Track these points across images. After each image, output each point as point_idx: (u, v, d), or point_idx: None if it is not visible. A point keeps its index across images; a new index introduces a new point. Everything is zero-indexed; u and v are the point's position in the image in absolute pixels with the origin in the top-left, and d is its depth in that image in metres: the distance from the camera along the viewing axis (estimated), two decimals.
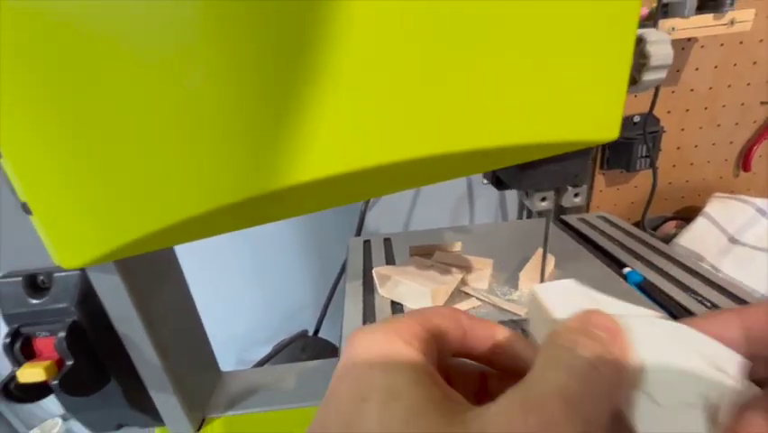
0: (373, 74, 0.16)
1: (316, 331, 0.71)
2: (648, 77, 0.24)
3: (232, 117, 0.17)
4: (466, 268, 0.40)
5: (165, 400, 0.30)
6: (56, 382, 0.24)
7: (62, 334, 0.25)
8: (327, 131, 0.17)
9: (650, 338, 0.12)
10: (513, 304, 0.36)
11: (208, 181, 0.18)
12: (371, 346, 0.13)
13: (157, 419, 0.31)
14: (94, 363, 0.27)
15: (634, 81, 0.24)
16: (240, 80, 0.16)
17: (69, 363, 0.25)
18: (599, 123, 0.20)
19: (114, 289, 0.26)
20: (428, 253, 0.49)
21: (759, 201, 0.59)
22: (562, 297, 0.15)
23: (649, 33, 0.24)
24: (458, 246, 0.50)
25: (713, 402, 0.11)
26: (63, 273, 0.25)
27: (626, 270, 0.40)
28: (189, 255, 0.73)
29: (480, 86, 0.17)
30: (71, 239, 0.20)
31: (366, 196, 0.26)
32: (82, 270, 0.25)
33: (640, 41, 0.24)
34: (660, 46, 0.23)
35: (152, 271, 0.29)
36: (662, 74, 0.24)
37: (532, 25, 0.17)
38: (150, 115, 0.17)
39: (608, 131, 0.20)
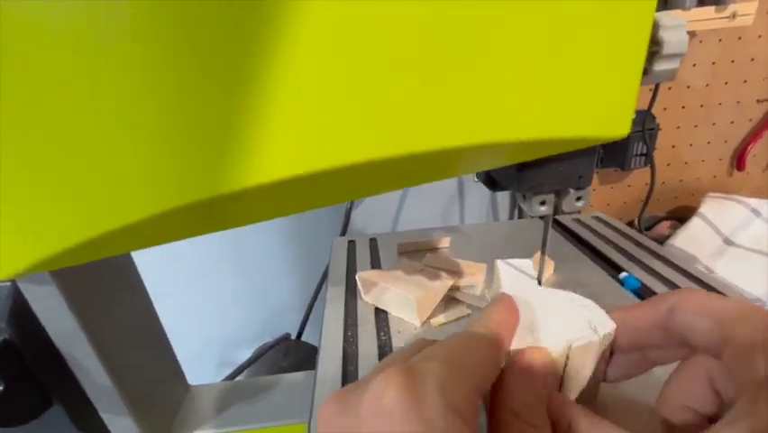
0: (346, 63, 0.13)
1: (299, 334, 0.68)
2: (660, 66, 0.21)
3: (175, 111, 0.14)
4: (458, 273, 0.37)
5: (119, 423, 0.27)
6: None
7: None
8: (286, 127, 0.14)
9: (548, 304, 0.19)
10: None
11: (152, 183, 0.15)
12: (424, 427, 0.11)
13: None
14: (31, 386, 0.23)
15: (644, 72, 0.22)
16: (187, 72, 0.13)
17: (0, 388, 0.22)
18: (610, 118, 0.18)
19: (51, 302, 0.22)
20: (417, 251, 0.46)
21: (753, 201, 0.58)
22: (513, 275, 0.21)
23: (663, 17, 0.21)
24: (447, 242, 0.47)
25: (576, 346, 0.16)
26: None
27: (623, 274, 0.38)
28: (167, 257, 0.70)
29: (479, 75, 0.14)
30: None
31: (347, 197, 0.23)
32: (12, 281, 0.22)
33: (652, 26, 0.21)
34: (675, 32, 0.21)
35: (100, 281, 0.25)
36: (675, 63, 0.21)
37: (537, 11, 0.14)
38: (86, 107, 0.14)
39: (619, 127, 0.18)
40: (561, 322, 0.18)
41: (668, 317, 0.16)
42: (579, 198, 0.21)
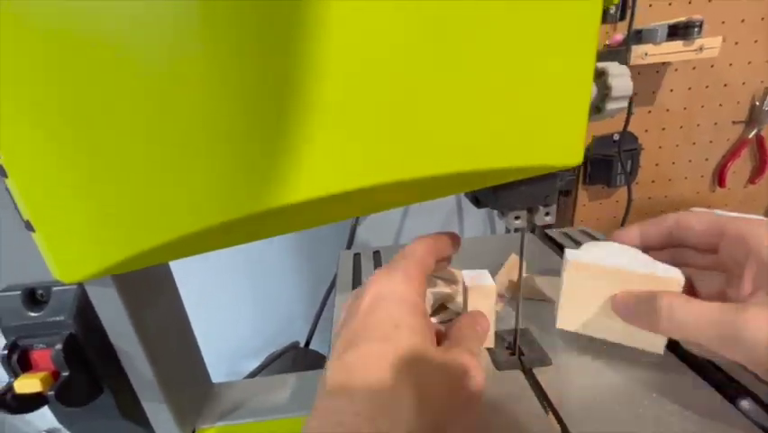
0: (353, 105, 0.18)
1: (307, 343, 0.72)
2: (611, 106, 0.26)
3: (226, 139, 0.18)
4: (455, 281, 0.41)
5: (157, 411, 0.31)
6: (51, 392, 0.25)
7: (59, 346, 0.26)
8: (315, 156, 0.19)
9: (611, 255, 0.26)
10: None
11: (202, 200, 0.19)
12: (396, 289, 0.22)
13: (148, 430, 0.32)
14: (88, 374, 0.28)
15: (598, 110, 0.27)
16: (233, 103, 0.17)
17: (65, 374, 0.26)
18: (563, 148, 0.22)
19: (110, 302, 0.27)
20: None
21: (735, 216, 0.62)
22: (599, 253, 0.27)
23: (611, 67, 0.26)
24: None
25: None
26: (61, 287, 0.26)
27: None
28: (183, 268, 0.74)
29: (452, 116, 0.19)
30: (71, 255, 0.21)
31: (351, 215, 0.28)
32: (80, 284, 0.26)
33: (603, 74, 0.26)
34: (621, 79, 0.26)
35: (147, 285, 0.30)
36: (623, 103, 0.26)
37: (495, 57, 0.19)
38: (147, 136, 0.18)
39: (572, 156, 0.22)
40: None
41: (674, 227, 0.25)
42: (547, 213, 0.26)
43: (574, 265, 0.26)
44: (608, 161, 0.64)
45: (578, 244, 0.52)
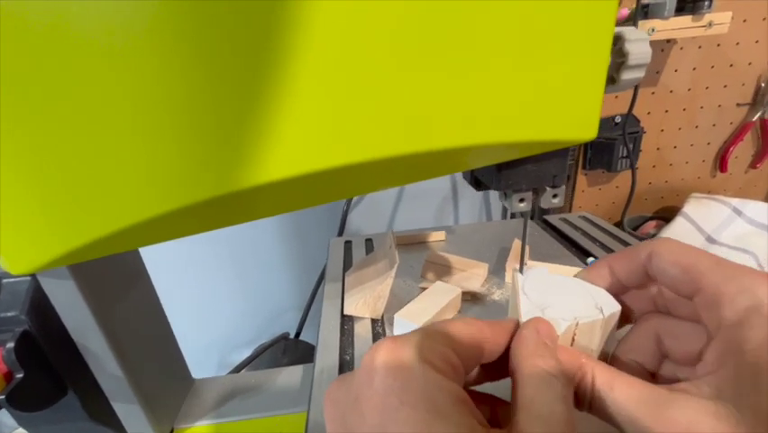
0: (343, 69, 0.15)
1: (298, 334, 0.70)
2: (627, 76, 0.23)
3: (190, 113, 0.16)
4: (461, 270, 0.40)
5: (129, 412, 0.29)
6: (2, 396, 0.22)
7: (11, 345, 0.23)
8: (293, 128, 0.16)
9: (558, 287, 0.20)
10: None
11: (167, 181, 0.17)
12: (403, 376, 0.13)
13: (120, 431, 0.30)
14: (48, 375, 0.25)
15: (612, 81, 0.24)
16: (200, 75, 0.15)
17: (19, 375, 0.23)
18: (578, 122, 0.19)
19: (68, 296, 0.24)
20: (413, 243, 0.49)
21: (735, 201, 0.61)
22: (532, 283, 0.20)
23: (628, 32, 0.23)
24: (442, 235, 0.50)
25: (582, 323, 0.17)
26: (12, 279, 0.24)
27: (590, 259, 0.40)
28: (166, 257, 0.71)
29: (457, 84, 0.17)
30: (19, 243, 0.19)
31: (343, 195, 0.25)
32: (33, 276, 0.24)
33: (618, 40, 0.23)
34: (638, 44, 0.23)
35: (113, 277, 0.27)
36: (640, 73, 0.23)
37: (510, 25, 0.16)
38: (102, 109, 0.16)
39: (587, 130, 0.20)
40: (569, 302, 0.18)
41: (647, 262, 0.17)
42: (555, 196, 0.23)
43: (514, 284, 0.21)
44: (610, 145, 0.61)
45: (578, 229, 0.50)
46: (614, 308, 0.18)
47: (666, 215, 0.69)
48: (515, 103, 0.18)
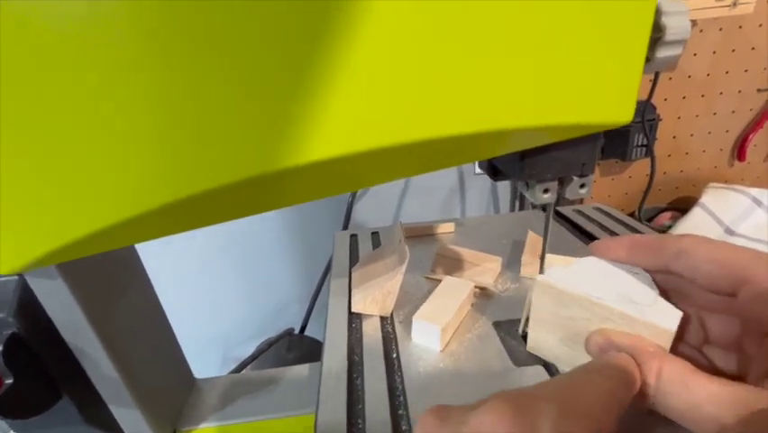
0: (393, 49, 0.14)
1: (303, 329, 0.69)
2: (663, 53, 0.21)
3: (174, 102, 0.14)
4: (474, 264, 0.38)
5: (127, 415, 0.28)
6: None
7: None
8: (323, 112, 0.14)
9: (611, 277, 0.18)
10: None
11: (159, 174, 0.15)
12: None
13: None
14: (40, 379, 0.24)
15: (647, 59, 0.22)
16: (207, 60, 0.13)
17: (9, 381, 0.22)
18: (613, 104, 0.18)
19: (58, 296, 0.22)
20: (422, 235, 0.47)
21: (755, 191, 0.58)
22: (575, 277, 0.18)
23: (665, 3, 0.21)
24: (451, 228, 0.48)
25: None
26: None
27: None
28: (170, 251, 0.70)
29: (490, 65, 0.15)
30: (4, 241, 0.17)
31: (361, 185, 0.23)
32: (20, 275, 0.22)
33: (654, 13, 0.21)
34: (677, 18, 0.21)
35: (107, 276, 0.25)
36: (678, 50, 0.21)
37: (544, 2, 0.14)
38: (91, 97, 0.14)
39: (623, 113, 0.18)
40: (632, 289, 0.18)
41: (674, 260, 0.16)
42: (582, 186, 0.21)
43: (541, 286, 0.19)
44: (625, 133, 0.59)
45: (592, 221, 0.48)
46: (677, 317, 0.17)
47: (681, 205, 0.67)
48: (549, 84, 0.16)
